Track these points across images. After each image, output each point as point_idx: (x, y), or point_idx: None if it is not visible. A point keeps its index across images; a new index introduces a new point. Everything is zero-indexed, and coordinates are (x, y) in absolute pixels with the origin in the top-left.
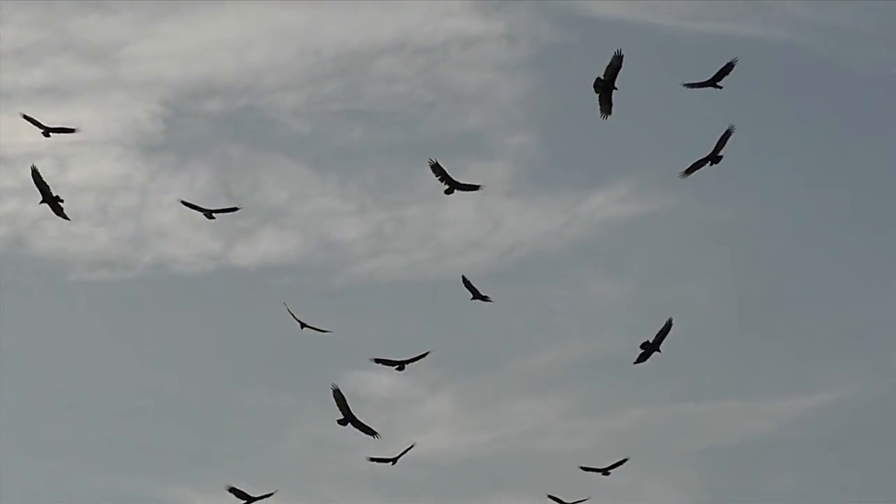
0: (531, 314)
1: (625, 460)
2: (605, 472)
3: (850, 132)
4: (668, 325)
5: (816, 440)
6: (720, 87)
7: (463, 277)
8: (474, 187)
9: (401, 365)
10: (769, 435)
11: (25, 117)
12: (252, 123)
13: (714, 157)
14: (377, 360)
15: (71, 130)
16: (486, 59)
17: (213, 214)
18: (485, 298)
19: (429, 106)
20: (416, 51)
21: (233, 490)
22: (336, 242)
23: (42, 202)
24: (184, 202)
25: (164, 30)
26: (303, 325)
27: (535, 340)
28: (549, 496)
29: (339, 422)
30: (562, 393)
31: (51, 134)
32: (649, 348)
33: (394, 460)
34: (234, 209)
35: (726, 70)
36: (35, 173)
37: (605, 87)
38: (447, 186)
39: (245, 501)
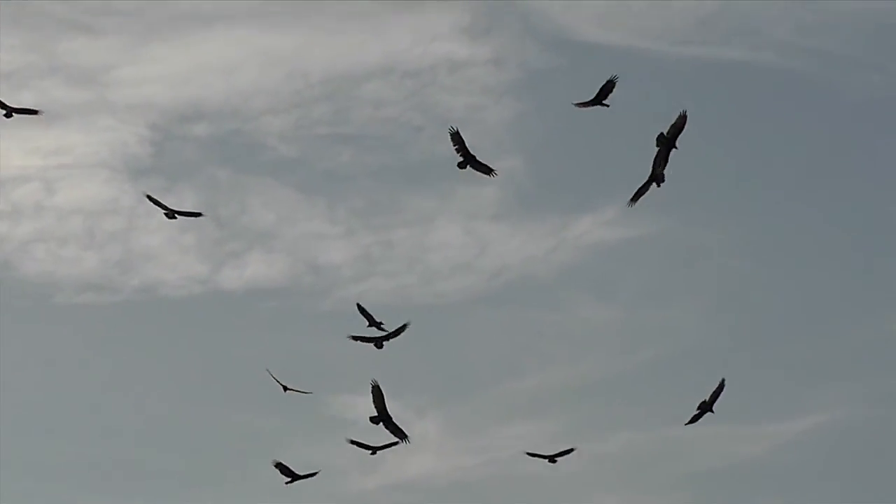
0: (518, 338)
1: (571, 450)
2: (552, 459)
3: (838, 156)
4: (722, 386)
5: (806, 464)
6: (607, 105)
7: (358, 305)
8: (488, 169)
9: (378, 342)
10: (758, 459)
11: None
12: (240, 147)
13: (655, 178)
14: (355, 338)
15: (34, 112)
16: (473, 83)
17: (176, 215)
18: (379, 325)
19: (417, 129)
20: (404, 75)
21: (279, 465)
22: (324, 266)
23: None
24: (148, 196)
25: (153, 53)
26: (286, 389)
27: (522, 364)
28: None
29: (372, 419)
30: (549, 416)
31: (14, 115)
32: (705, 408)
33: (374, 450)
34: (198, 214)
35: (608, 88)
36: None
37: (666, 145)
38: (461, 159)
39: (290, 479)
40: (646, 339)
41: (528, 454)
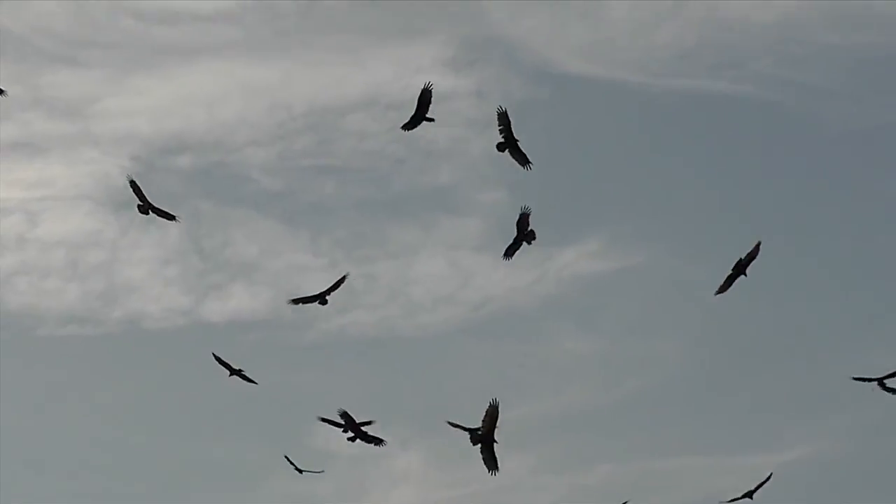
0: (501, 369)
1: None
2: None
3: (820, 188)
4: (769, 478)
5: (787, 497)
6: (432, 120)
7: (213, 354)
8: (525, 160)
9: (322, 298)
10: (738, 491)
11: None
12: (223, 179)
13: (524, 237)
14: (296, 301)
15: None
16: (456, 116)
17: (150, 210)
18: (239, 372)
19: (400, 162)
20: (388, 107)
21: (344, 415)
22: None
23: None
24: (131, 182)
25: (136, 86)
26: (300, 471)
27: (505, 396)
28: None
29: (473, 438)
30: (531, 448)
31: None
32: (748, 494)
33: (346, 427)
34: (172, 217)
35: (425, 98)
36: None
37: (738, 270)
38: (503, 140)
39: (351, 435)
40: (629, 372)
41: (450, 423)
